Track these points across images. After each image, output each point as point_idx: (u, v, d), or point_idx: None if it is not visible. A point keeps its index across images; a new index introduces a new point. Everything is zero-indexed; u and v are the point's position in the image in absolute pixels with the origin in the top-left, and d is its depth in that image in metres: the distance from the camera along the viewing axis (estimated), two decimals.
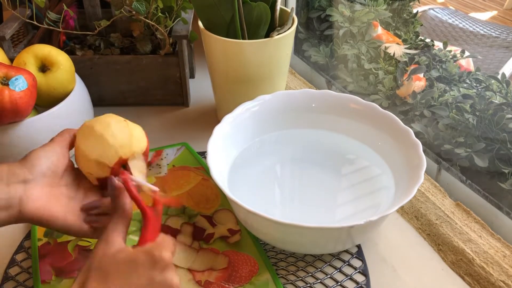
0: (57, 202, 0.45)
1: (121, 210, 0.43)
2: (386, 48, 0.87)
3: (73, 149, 0.49)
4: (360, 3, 0.92)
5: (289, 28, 0.70)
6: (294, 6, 0.94)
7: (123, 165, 0.47)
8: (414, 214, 0.64)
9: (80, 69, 0.78)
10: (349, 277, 0.55)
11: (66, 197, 0.46)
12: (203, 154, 0.71)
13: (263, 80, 0.72)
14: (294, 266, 0.57)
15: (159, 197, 0.46)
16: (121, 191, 0.45)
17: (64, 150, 0.47)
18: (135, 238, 0.59)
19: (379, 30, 0.90)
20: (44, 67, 0.70)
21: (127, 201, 0.44)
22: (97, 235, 0.47)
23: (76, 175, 0.49)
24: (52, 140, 0.48)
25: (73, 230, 0.46)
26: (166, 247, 0.41)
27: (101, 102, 0.83)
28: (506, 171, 0.64)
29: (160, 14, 0.75)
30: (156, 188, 0.46)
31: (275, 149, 0.68)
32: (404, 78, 0.81)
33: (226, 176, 0.61)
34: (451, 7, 2.25)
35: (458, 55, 0.87)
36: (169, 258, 0.40)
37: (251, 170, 0.65)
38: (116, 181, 0.45)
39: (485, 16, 2.65)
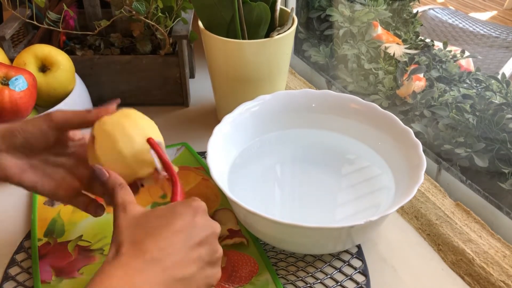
0: (31, 170, 0.47)
1: (118, 187, 0.44)
2: (386, 48, 0.87)
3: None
4: (360, 3, 0.92)
5: (289, 28, 0.70)
6: (294, 6, 0.94)
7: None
8: (414, 214, 0.64)
9: (80, 69, 0.78)
10: (349, 277, 0.55)
11: (46, 166, 0.48)
12: (203, 154, 0.71)
13: (263, 80, 0.72)
14: (294, 266, 0.57)
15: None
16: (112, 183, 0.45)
17: (44, 133, 0.47)
18: None
19: (379, 30, 0.90)
20: (44, 67, 0.70)
21: (117, 179, 0.45)
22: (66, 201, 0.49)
23: (73, 147, 0.50)
24: (35, 119, 0.47)
25: (47, 196, 0.49)
26: (199, 200, 0.43)
27: (101, 102, 0.82)
28: (506, 171, 0.64)
29: (160, 14, 0.75)
30: (176, 168, 0.48)
31: (275, 149, 0.68)
32: (404, 78, 0.81)
33: (226, 176, 0.61)
34: (451, 7, 2.25)
35: (458, 55, 0.87)
36: (204, 205, 0.43)
37: (251, 170, 0.65)
38: (106, 173, 0.45)
39: (485, 16, 2.65)
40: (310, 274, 0.56)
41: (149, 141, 0.47)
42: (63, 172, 0.49)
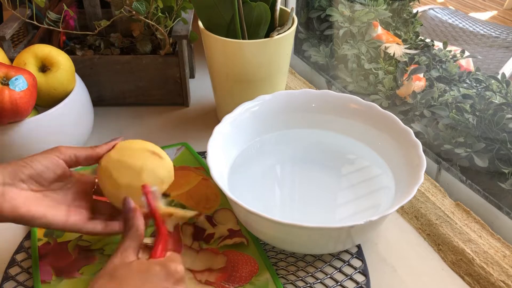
0: (37, 202, 0.48)
1: (134, 230, 0.46)
2: (386, 48, 0.87)
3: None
4: (360, 3, 0.92)
5: (289, 28, 0.70)
6: (294, 6, 0.94)
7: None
8: (414, 214, 0.64)
9: (80, 69, 0.78)
10: (349, 277, 0.55)
11: (49, 199, 0.50)
12: (203, 154, 0.71)
13: (263, 80, 0.72)
14: (294, 266, 0.57)
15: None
16: (135, 212, 0.48)
17: (55, 163, 0.49)
18: None
19: (379, 30, 0.90)
20: (44, 67, 0.70)
21: (141, 222, 0.47)
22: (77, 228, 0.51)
23: (69, 183, 0.52)
24: (50, 150, 0.50)
25: (54, 226, 0.49)
26: (179, 262, 0.44)
27: (101, 102, 0.83)
28: (506, 171, 0.64)
29: (160, 14, 0.75)
30: (193, 213, 0.55)
31: (275, 149, 0.68)
32: (404, 78, 0.81)
33: (226, 176, 0.61)
34: (451, 7, 2.25)
35: (458, 55, 0.87)
36: (182, 272, 0.43)
37: (251, 170, 0.65)
38: (132, 203, 0.49)
39: (485, 16, 2.65)
40: (310, 274, 0.56)
41: (143, 188, 0.50)
42: (65, 205, 0.51)
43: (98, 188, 0.54)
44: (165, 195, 0.54)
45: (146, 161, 0.51)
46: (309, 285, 0.55)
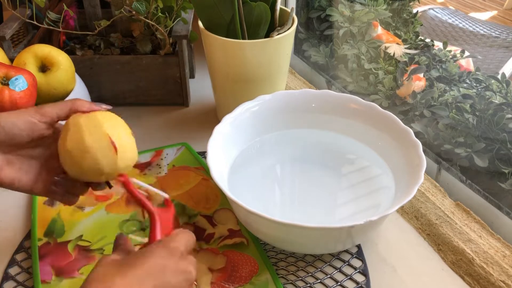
0: (8, 166, 0.45)
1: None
2: (386, 48, 0.87)
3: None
4: (360, 3, 0.92)
5: (289, 28, 0.70)
6: (294, 6, 0.94)
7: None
8: (414, 214, 0.64)
9: (80, 69, 0.78)
10: (349, 277, 0.55)
11: (21, 161, 0.46)
12: (203, 154, 0.71)
13: (263, 80, 0.72)
14: (294, 266, 0.57)
15: (169, 201, 0.47)
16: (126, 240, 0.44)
17: (31, 125, 0.45)
18: (135, 237, 0.59)
19: (379, 30, 0.90)
20: (44, 67, 0.70)
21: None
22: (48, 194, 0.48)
23: (47, 141, 0.48)
24: (24, 111, 0.45)
25: (20, 191, 0.47)
26: (180, 240, 0.42)
27: (101, 102, 0.83)
28: (506, 171, 0.64)
29: (160, 14, 0.75)
30: (166, 195, 0.47)
31: (275, 149, 0.68)
32: (404, 78, 0.81)
33: (226, 176, 0.61)
34: (451, 7, 2.25)
35: (458, 55, 0.87)
36: (181, 247, 0.41)
37: (251, 170, 0.65)
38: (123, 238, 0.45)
39: (485, 16, 2.65)
40: (310, 274, 0.56)
41: (121, 179, 0.45)
42: (38, 166, 0.48)
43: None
44: None
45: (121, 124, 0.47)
46: (309, 285, 0.55)
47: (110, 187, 0.49)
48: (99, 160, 0.44)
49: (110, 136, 0.44)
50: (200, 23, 0.71)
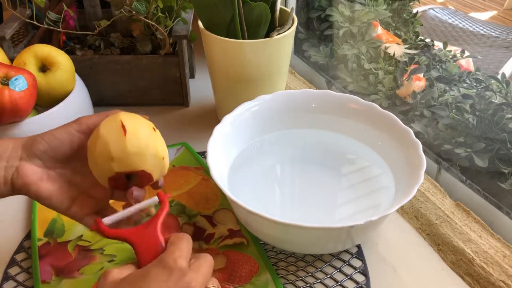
0: (48, 181, 0.46)
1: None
2: (386, 48, 0.87)
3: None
4: (360, 3, 0.92)
5: (289, 28, 0.70)
6: (294, 6, 0.94)
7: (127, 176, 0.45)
8: (414, 214, 0.64)
9: (80, 69, 0.78)
10: (349, 277, 0.55)
11: (64, 179, 0.47)
12: (203, 154, 0.72)
13: (263, 80, 0.72)
14: (294, 266, 0.57)
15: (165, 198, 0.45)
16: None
17: (70, 136, 0.46)
18: None
19: (379, 30, 0.90)
20: (44, 67, 0.70)
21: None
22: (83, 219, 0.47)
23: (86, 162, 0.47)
24: (64, 124, 0.47)
25: (56, 210, 0.47)
26: (179, 253, 0.39)
27: (101, 102, 0.83)
28: (506, 171, 0.64)
29: (160, 14, 0.75)
30: (156, 199, 0.45)
31: (275, 149, 0.68)
32: (404, 78, 0.81)
33: (226, 176, 0.61)
34: (451, 7, 2.25)
35: (458, 55, 0.87)
36: (183, 261, 0.39)
37: (251, 170, 0.65)
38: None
39: (485, 16, 2.65)
40: (310, 274, 0.56)
41: (93, 227, 0.44)
42: (78, 190, 0.48)
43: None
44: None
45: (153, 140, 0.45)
46: (309, 285, 0.55)
47: (129, 185, 0.45)
48: (108, 142, 0.42)
49: (122, 120, 0.43)
50: (200, 23, 0.71)
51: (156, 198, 0.45)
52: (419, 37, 0.93)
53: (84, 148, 0.46)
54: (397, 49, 0.86)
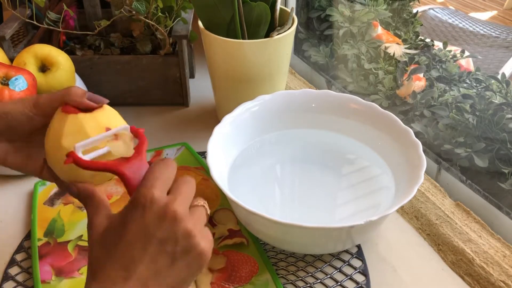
0: (14, 154, 0.45)
1: (88, 201, 0.41)
2: (386, 48, 0.87)
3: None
4: (360, 3, 0.92)
5: (289, 28, 0.70)
6: (294, 6, 0.94)
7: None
8: (414, 214, 0.64)
9: (80, 69, 0.78)
10: (349, 277, 0.55)
11: (30, 147, 0.46)
12: (203, 154, 0.72)
13: (263, 80, 0.72)
14: (294, 266, 0.57)
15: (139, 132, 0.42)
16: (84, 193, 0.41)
17: (29, 118, 0.43)
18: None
19: (379, 30, 0.90)
20: (44, 67, 0.70)
21: (90, 193, 0.41)
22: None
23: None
24: (21, 102, 0.44)
25: (35, 175, 0.46)
26: (151, 183, 0.37)
27: None
28: (506, 171, 0.64)
29: (160, 14, 0.75)
30: (127, 126, 0.41)
31: (275, 149, 0.68)
32: (404, 78, 0.81)
33: (226, 176, 0.61)
34: (451, 7, 2.25)
35: (458, 55, 0.87)
36: (157, 193, 0.36)
37: (251, 170, 0.65)
38: (75, 188, 0.41)
39: (485, 16, 2.65)
40: (310, 274, 0.56)
41: (68, 160, 0.39)
42: (40, 155, 0.46)
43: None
44: None
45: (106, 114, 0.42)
46: (309, 285, 0.55)
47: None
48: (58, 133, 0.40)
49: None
50: (200, 23, 0.71)
51: (126, 125, 0.42)
52: (419, 37, 0.93)
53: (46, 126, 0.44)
54: (397, 49, 0.86)
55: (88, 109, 0.42)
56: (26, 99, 0.44)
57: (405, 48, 0.87)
